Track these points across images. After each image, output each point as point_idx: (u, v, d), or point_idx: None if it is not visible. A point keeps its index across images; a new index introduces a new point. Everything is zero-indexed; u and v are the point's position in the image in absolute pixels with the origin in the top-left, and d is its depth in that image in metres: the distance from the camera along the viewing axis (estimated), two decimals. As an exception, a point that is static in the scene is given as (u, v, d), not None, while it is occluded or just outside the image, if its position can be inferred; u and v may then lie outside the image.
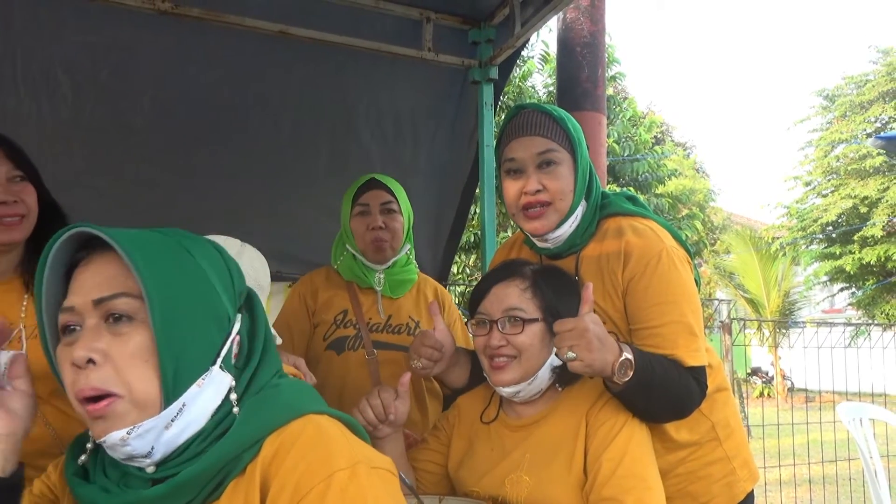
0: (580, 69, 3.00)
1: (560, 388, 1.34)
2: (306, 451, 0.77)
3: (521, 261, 1.44)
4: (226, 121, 2.56)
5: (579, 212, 1.44)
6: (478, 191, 2.81)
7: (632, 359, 1.19)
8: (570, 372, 1.25)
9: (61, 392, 0.80)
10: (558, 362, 1.29)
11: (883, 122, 17.58)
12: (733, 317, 10.04)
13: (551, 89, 10.39)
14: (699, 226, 14.19)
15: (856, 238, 16.46)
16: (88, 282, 0.80)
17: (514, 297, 1.31)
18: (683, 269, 1.37)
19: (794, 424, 5.06)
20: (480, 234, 2.78)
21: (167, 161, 2.55)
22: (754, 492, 1.53)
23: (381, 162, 2.81)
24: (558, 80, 3.17)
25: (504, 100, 8.90)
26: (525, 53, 9.79)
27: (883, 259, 15.82)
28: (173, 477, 0.78)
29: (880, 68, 17.76)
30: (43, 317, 0.82)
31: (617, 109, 12.18)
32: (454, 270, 8.45)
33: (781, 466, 4.80)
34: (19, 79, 2.24)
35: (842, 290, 18.15)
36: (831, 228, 17.37)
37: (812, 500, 4.66)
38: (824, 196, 17.93)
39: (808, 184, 18.77)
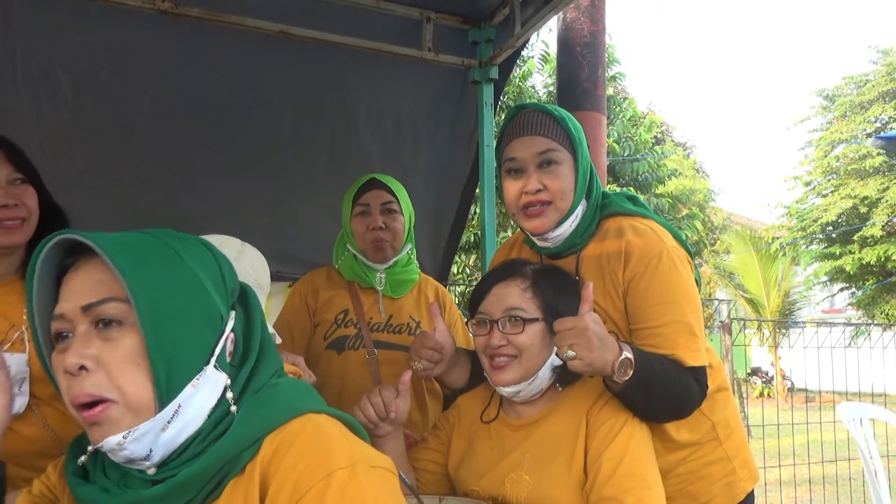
0: (580, 69, 3.00)
1: (560, 388, 1.34)
2: (305, 450, 0.77)
3: (521, 260, 1.44)
4: (226, 121, 2.56)
5: (579, 211, 1.44)
6: (478, 191, 2.81)
7: (632, 358, 1.19)
8: (570, 371, 1.25)
9: (61, 394, 0.80)
10: (559, 362, 1.29)
11: (883, 122, 17.58)
12: (733, 317, 10.04)
13: (551, 89, 10.39)
14: (699, 226, 14.20)
15: (856, 238, 16.46)
16: (77, 288, 0.79)
17: (515, 296, 1.31)
18: (684, 269, 1.37)
19: (794, 424, 5.05)
20: (480, 234, 2.78)
21: (167, 161, 2.55)
22: (754, 492, 1.53)
23: (381, 162, 2.81)
24: (558, 80, 3.17)
25: (504, 100, 8.90)
26: (525, 53, 9.79)
27: (883, 259, 15.83)
28: (173, 477, 0.78)
29: (880, 68, 17.77)
30: (36, 324, 0.82)
31: (617, 109, 12.18)
32: (454, 270, 8.45)
33: (781, 466, 4.80)
34: (19, 79, 2.24)
35: (842, 290, 18.15)
36: (831, 228, 17.37)
37: (812, 500, 4.66)
38: (824, 196, 17.94)
39: (808, 184, 18.78)
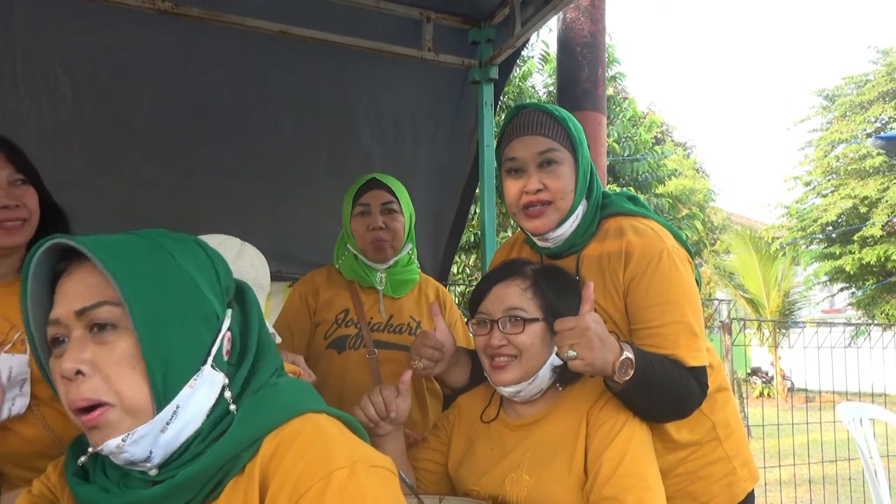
0: (580, 69, 3.00)
1: (561, 388, 1.34)
2: (305, 450, 0.77)
3: (521, 260, 1.44)
4: (226, 121, 2.56)
5: (580, 211, 1.44)
6: (478, 191, 2.81)
7: (632, 358, 1.19)
8: (570, 371, 1.25)
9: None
10: (559, 362, 1.29)
11: (883, 122, 17.58)
12: (733, 317, 10.03)
13: (551, 89, 10.39)
14: (699, 226, 14.21)
15: (856, 238, 16.46)
16: (70, 292, 0.79)
17: (515, 296, 1.31)
18: (684, 269, 1.37)
19: (794, 424, 5.05)
20: (480, 234, 2.78)
21: (167, 161, 2.55)
22: (754, 492, 1.53)
23: (381, 162, 2.81)
24: (558, 80, 3.17)
25: (504, 100, 8.90)
26: (525, 53, 9.79)
27: (883, 259, 15.83)
28: (173, 478, 0.78)
29: (880, 68, 17.77)
30: (32, 330, 0.81)
31: (617, 109, 12.18)
32: (454, 270, 8.45)
33: (781, 466, 4.80)
34: (19, 79, 2.24)
35: (842, 290, 18.15)
36: (831, 228, 17.37)
37: (812, 500, 4.65)
38: (824, 196, 17.94)
39: (808, 184, 18.78)
